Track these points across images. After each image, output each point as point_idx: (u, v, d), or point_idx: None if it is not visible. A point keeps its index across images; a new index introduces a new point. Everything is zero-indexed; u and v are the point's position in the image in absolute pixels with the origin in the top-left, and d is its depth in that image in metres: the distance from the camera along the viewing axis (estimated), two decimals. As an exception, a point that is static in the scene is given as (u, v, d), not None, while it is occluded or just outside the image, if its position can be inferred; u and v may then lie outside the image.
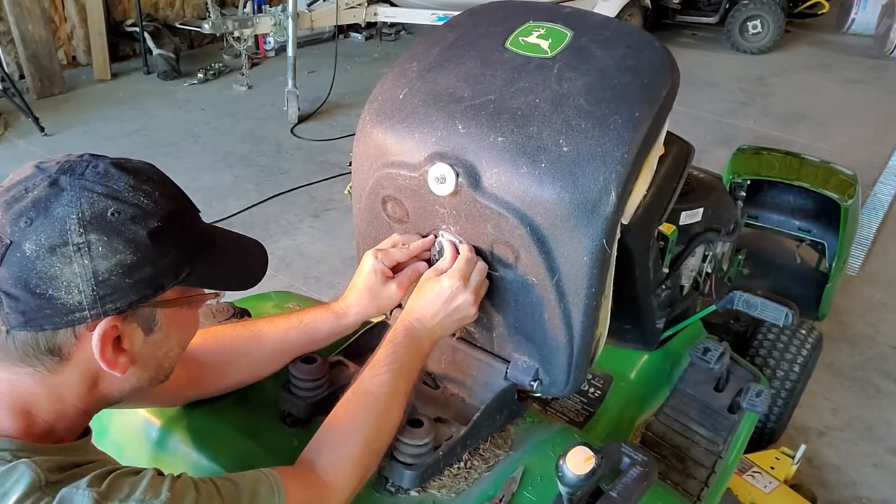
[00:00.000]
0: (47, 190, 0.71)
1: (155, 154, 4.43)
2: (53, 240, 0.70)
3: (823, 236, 2.52)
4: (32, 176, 0.73)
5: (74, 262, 0.70)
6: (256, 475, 0.82)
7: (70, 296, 0.71)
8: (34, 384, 0.75)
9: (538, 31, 1.08)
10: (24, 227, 0.69)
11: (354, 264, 1.18)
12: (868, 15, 7.32)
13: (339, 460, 0.91)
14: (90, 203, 0.71)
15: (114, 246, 0.71)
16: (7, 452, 0.70)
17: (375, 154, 1.09)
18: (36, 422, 0.76)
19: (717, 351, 1.50)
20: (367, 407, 0.95)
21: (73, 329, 0.73)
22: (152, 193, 0.76)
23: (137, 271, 0.73)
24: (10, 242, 0.69)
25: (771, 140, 4.72)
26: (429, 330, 1.05)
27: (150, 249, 0.74)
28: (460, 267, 1.04)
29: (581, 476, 0.89)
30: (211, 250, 0.82)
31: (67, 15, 5.71)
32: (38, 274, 0.69)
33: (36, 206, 0.70)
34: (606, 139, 0.95)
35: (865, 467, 2.36)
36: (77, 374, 0.76)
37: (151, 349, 0.81)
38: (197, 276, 0.80)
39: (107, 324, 0.74)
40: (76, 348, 0.74)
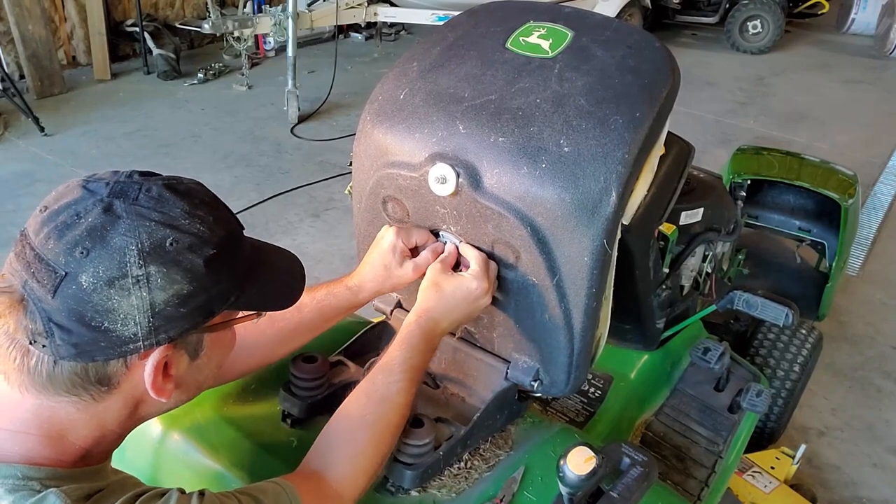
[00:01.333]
0: (102, 217, 0.68)
1: (155, 154, 4.43)
2: (112, 272, 0.67)
3: (823, 236, 2.52)
4: (82, 199, 0.70)
5: (133, 294, 0.68)
6: (275, 489, 0.81)
7: (126, 328, 0.68)
8: (76, 412, 0.73)
9: (539, 32, 1.08)
10: (81, 258, 0.66)
11: (354, 264, 1.18)
12: (868, 15, 7.33)
13: (352, 468, 0.89)
14: (149, 233, 0.69)
15: (172, 277, 0.69)
16: (36, 482, 0.69)
17: (376, 154, 1.09)
18: (70, 447, 0.74)
19: (717, 351, 1.50)
20: (383, 414, 0.93)
21: (126, 359, 0.71)
22: (207, 219, 0.74)
23: (192, 300, 0.72)
24: (66, 274, 0.66)
25: (771, 140, 4.73)
26: (443, 329, 1.04)
27: (205, 278, 0.72)
28: (485, 268, 1.04)
29: (582, 476, 0.89)
30: (256, 272, 0.81)
31: (67, 15, 5.71)
32: (94, 307, 0.67)
33: (92, 236, 0.67)
34: (607, 139, 0.95)
35: (865, 467, 2.36)
36: (121, 402, 0.75)
37: (195, 373, 0.80)
38: (245, 299, 0.79)
39: (159, 353, 0.72)
40: (125, 377, 0.73)
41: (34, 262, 0.67)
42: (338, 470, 0.89)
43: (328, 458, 0.90)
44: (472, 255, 1.05)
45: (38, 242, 0.68)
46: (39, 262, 0.67)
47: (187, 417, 1.09)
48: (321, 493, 0.86)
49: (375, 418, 0.93)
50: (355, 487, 0.89)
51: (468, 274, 1.03)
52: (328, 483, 0.88)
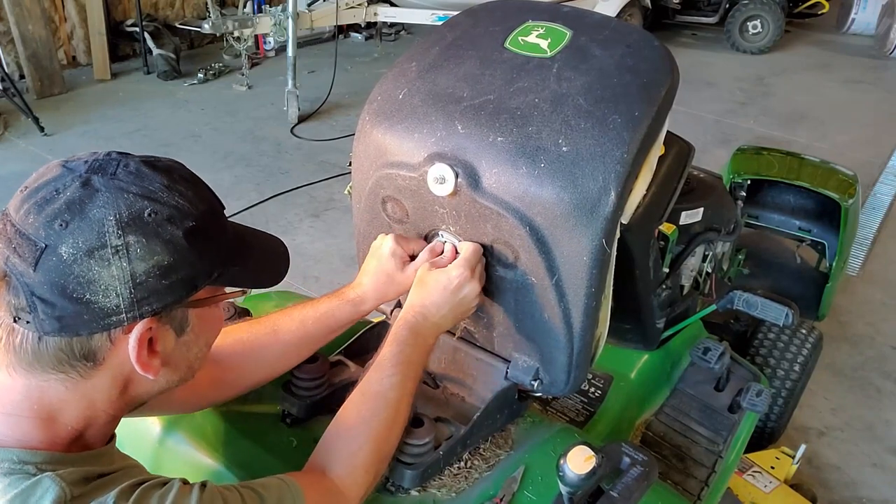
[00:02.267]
0: (80, 191, 0.69)
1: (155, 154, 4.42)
2: (91, 242, 0.67)
3: (824, 236, 2.52)
4: (61, 176, 0.70)
5: (113, 264, 0.68)
6: (279, 485, 0.81)
7: (108, 299, 0.68)
8: (65, 390, 0.73)
9: (537, 31, 1.08)
10: (60, 230, 0.67)
11: (354, 264, 1.18)
12: (868, 15, 7.33)
13: (353, 465, 0.89)
14: (127, 204, 0.69)
15: (152, 247, 0.69)
16: (31, 466, 0.69)
17: (375, 154, 1.09)
18: (63, 429, 0.74)
19: (717, 351, 1.50)
20: (378, 409, 0.93)
21: (109, 333, 0.71)
22: (186, 193, 0.74)
23: (174, 273, 0.72)
24: (46, 246, 0.67)
25: (771, 140, 4.73)
26: (433, 324, 1.03)
27: (186, 250, 0.72)
28: (467, 257, 1.03)
29: (582, 476, 0.89)
30: (239, 249, 0.81)
31: (67, 15, 5.71)
32: (75, 278, 0.67)
33: (70, 208, 0.68)
34: (606, 139, 0.95)
35: (865, 467, 2.36)
36: (109, 379, 0.75)
37: (182, 350, 0.80)
38: (228, 275, 0.79)
39: (143, 326, 0.72)
40: (111, 352, 0.73)
41: (15, 237, 0.68)
42: (339, 468, 0.89)
43: (329, 457, 0.90)
44: (466, 248, 1.05)
45: (19, 219, 0.69)
46: (20, 236, 0.68)
47: (187, 417, 1.09)
48: (324, 491, 0.86)
49: (371, 415, 0.93)
50: (358, 484, 0.89)
51: (451, 264, 1.03)
52: (331, 481, 0.88)
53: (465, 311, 1.07)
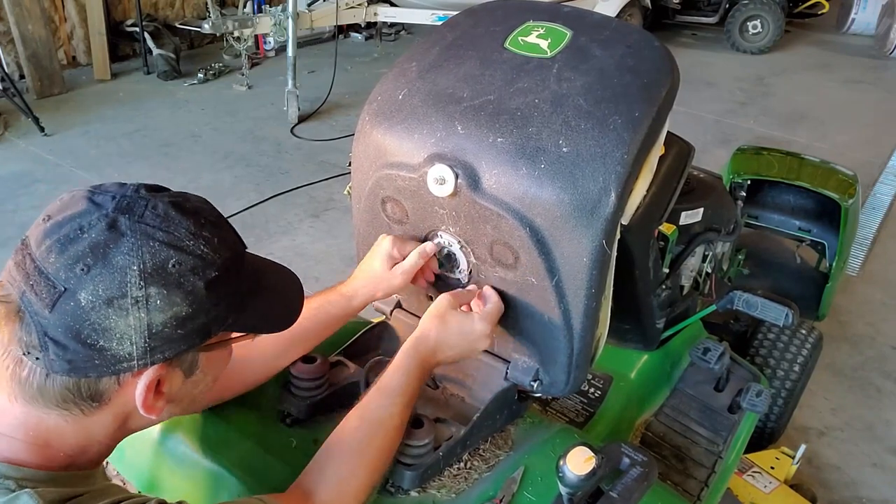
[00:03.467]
0: (106, 233, 0.67)
1: (155, 154, 4.43)
2: (112, 292, 0.66)
3: (823, 236, 2.52)
4: (87, 212, 0.68)
5: (131, 314, 0.67)
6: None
7: (121, 347, 0.68)
8: (64, 423, 0.72)
9: (537, 31, 1.08)
10: (81, 275, 0.65)
11: (354, 264, 1.18)
12: (868, 15, 7.33)
13: (343, 491, 0.88)
14: (152, 253, 0.67)
15: (172, 299, 0.68)
16: (12, 481, 0.68)
17: (375, 155, 1.09)
18: (55, 454, 0.73)
19: (717, 351, 1.50)
20: (375, 436, 0.93)
21: (118, 377, 0.70)
22: (212, 240, 0.72)
23: (190, 322, 0.71)
24: (65, 290, 0.65)
25: (771, 140, 4.73)
26: (437, 360, 1.04)
27: (205, 300, 0.71)
28: (493, 313, 1.05)
29: (581, 476, 0.89)
30: (255, 293, 0.79)
31: (67, 15, 5.71)
32: (91, 325, 0.66)
33: (94, 252, 0.66)
34: (606, 140, 0.95)
35: (865, 467, 2.36)
36: (111, 416, 0.74)
37: (189, 388, 0.79)
38: (243, 321, 0.78)
39: (152, 373, 0.71)
40: (117, 393, 0.72)
41: (34, 274, 0.66)
42: (326, 491, 0.87)
43: (318, 479, 0.89)
44: (491, 299, 1.07)
45: (40, 254, 0.67)
46: (39, 275, 0.66)
47: (186, 418, 1.09)
48: None
49: (368, 442, 0.92)
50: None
51: (477, 314, 1.04)
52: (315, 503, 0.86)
53: (467, 356, 1.08)
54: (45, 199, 3.80)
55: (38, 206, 3.75)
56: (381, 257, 1.09)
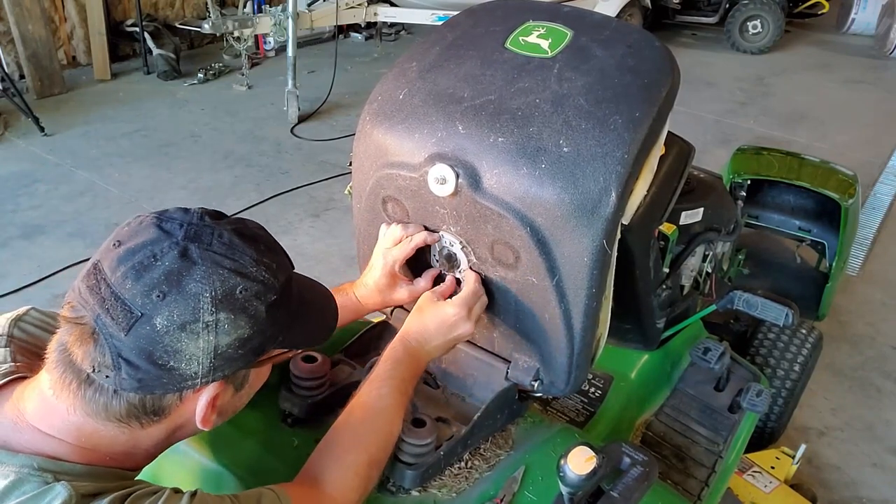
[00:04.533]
0: (179, 262, 0.71)
1: (155, 154, 4.43)
2: (186, 317, 0.70)
3: (823, 236, 2.52)
4: (158, 240, 0.73)
5: (201, 338, 0.72)
6: (270, 496, 0.82)
7: (189, 367, 0.72)
8: (120, 435, 0.77)
9: (538, 31, 1.08)
10: (157, 301, 0.70)
11: (355, 264, 1.18)
12: (868, 15, 7.33)
13: (344, 473, 0.90)
14: (221, 280, 0.72)
15: (238, 323, 0.74)
16: (50, 474, 0.71)
17: (375, 154, 1.09)
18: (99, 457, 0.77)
19: (717, 351, 1.50)
20: (369, 419, 0.96)
21: (181, 393, 0.75)
22: (271, 265, 0.78)
23: (250, 343, 0.76)
24: (142, 315, 0.70)
25: (771, 140, 4.73)
26: (426, 351, 1.06)
27: (265, 323, 0.76)
28: (466, 297, 1.07)
29: (582, 476, 0.89)
30: (301, 312, 0.84)
31: (67, 15, 5.71)
32: (163, 347, 0.70)
33: (169, 280, 0.70)
34: (607, 139, 0.95)
35: (865, 467, 2.36)
36: (164, 429, 0.79)
37: (236, 402, 0.85)
38: (290, 338, 0.83)
39: (214, 389, 0.77)
40: (177, 409, 0.77)
41: (110, 299, 0.70)
42: (332, 476, 0.90)
43: (323, 466, 0.91)
44: (467, 284, 1.09)
45: (115, 280, 0.71)
46: (116, 300, 0.70)
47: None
48: (314, 499, 0.87)
49: (365, 426, 0.95)
50: (349, 489, 0.90)
51: (449, 300, 1.07)
52: (321, 488, 0.89)
53: (453, 343, 1.10)
54: (45, 199, 3.82)
55: (38, 206, 3.76)
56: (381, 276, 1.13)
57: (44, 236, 3.48)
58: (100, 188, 3.98)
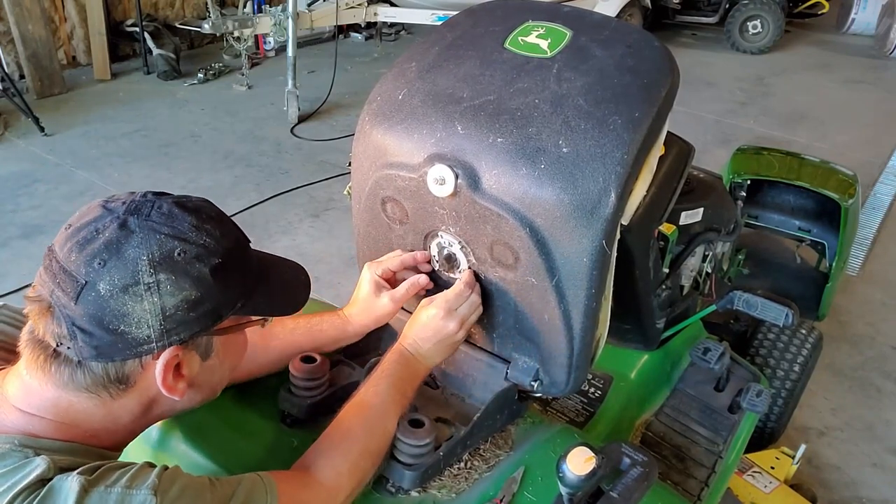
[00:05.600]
0: (117, 232, 0.75)
1: (155, 154, 4.43)
2: (126, 280, 0.74)
3: (823, 236, 2.52)
4: (101, 217, 0.77)
5: (145, 300, 0.74)
6: (252, 478, 0.83)
7: (140, 330, 0.75)
8: (93, 406, 0.79)
9: (537, 31, 1.08)
10: (98, 268, 0.73)
11: (354, 264, 1.18)
12: (868, 15, 7.33)
13: (333, 461, 0.92)
14: (159, 244, 0.75)
15: (180, 284, 0.76)
16: (31, 450, 0.74)
17: (375, 155, 1.09)
18: (80, 433, 0.80)
19: (717, 351, 1.50)
20: (362, 414, 0.98)
21: (141, 359, 0.78)
22: (213, 232, 0.80)
23: (200, 306, 0.78)
24: (86, 283, 0.73)
25: (771, 140, 4.73)
26: (422, 355, 1.08)
27: (212, 285, 0.78)
28: (447, 298, 1.08)
29: (582, 476, 0.89)
30: (262, 280, 0.87)
31: (67, 15, 5.71)
32: (111, 312, 0.74)
33: (108, 248, 0.74)
34: (606, 140, 0.95)
35: (865, 467, 2.36)
36: (136, 399, 0.81)
37: (207, 374, 0.86)
38: (251, 305, 0.85)
39: (170, 353, 0.78)
40: (141, 376, 0.79)
41: (59, 273, 0.75)
42: (321, 464, 0.92)
43: (316, 458, 0.93)
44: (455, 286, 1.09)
45: (63, 256, 0.75)
46: (63, 272, 0.74)
47: (186, 418, 1.09)
48: (301, 485, 0.89)
49: (360, 423, 0.97)
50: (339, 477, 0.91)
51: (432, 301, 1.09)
52: (311, 476, 0.90)
53: (452, 345, 1.11)
54: (45, 199, 3.82)
55: (38, 206, 3.76)
56: (365, 285, 1.16)
57: (44, 236, 3.48)
58: (100, 188, 3.97)
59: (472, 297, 1.09)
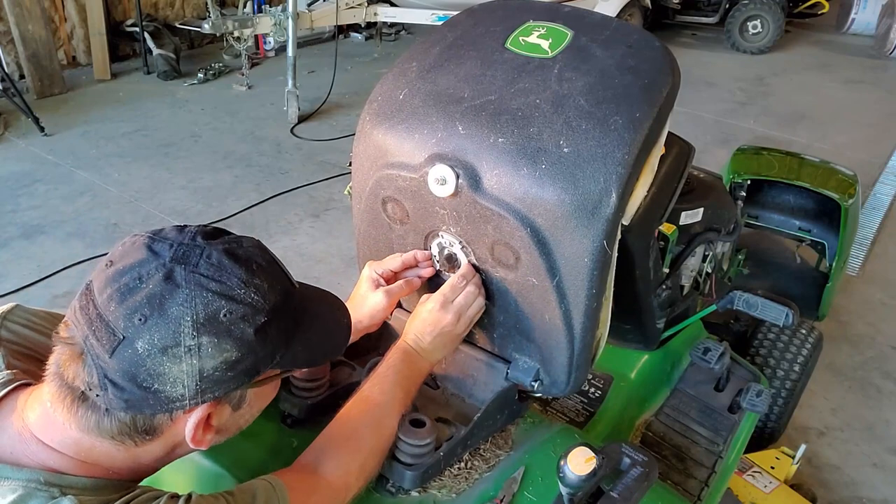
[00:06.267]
0: (162, 285, 0.71)
1: (155, 154, 4.43)
2: (167, 341, 0.70)
3: (823, 236, 2.51)
4: (145, 262, 0.72)
5: (184, 361, 0.71)
6: (265, 487, 0.83)
7: (174, 390, 0.72)
8: (116, 451, 0.77)
9: (538, 31, 1.08)
10: (139, 325, 0.70)
11: (354, 264, 1.18)
12: (868, 15, 7.33)
13: (341, 460, 0.92)
14: (204, 304, 0.72)
15: (222, 346, 0.73)
16: (56, 489, 0.72)
17: (375, 155, 1.09)
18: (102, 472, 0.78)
19: (717, 351, 1.50)
20: (370, 413, 0.97)
21: (171, 413, 0.75)
22: (262, 287, 0.76)
23: (239, 364, 0.75)
24: (124, 338, 0.70)
25: (771, 140, 4.73)
26: (425, 350, 1.08)
27: (254, 344, 0.75)
28: (444, 291, 1.09)
29: (582, 476, 0.89)
30: (302, 329, 0.83)
31: (67, 15, 5.71)
32: (146, 370, 0.70)
33: (151, 303, 0.70)
34: (607, 140, 0.95)
35: (865, 467, 2.36)
36: (161, 446, 0.79)
37: (236, 421, 0.84)
38: (289, 356, 0.81)
39: (203, 410, 0.76)
40: (169, 428, 0.77)
41: (96, 320, 0.71)
42: (327, 463, 0.92)
43: (321, 456, 0.93)
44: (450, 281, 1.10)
45: (101, 302, 0.71)
46: (101, 321, 0.71)
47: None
48: (310, 489, 0.88)
49: (358, 414, 0.97)
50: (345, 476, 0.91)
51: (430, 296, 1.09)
52: (318, 476, 0.90)
53: (453, 339, 1.11)
54: (45, 199, 3.82)
55: (38, 206, 3.76)
56: (364, 282, 1.15)
57: (44, 236, 3.48)
58: (99, 188, 3.97)
59: (469, 287, 1.09)
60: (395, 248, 1.18)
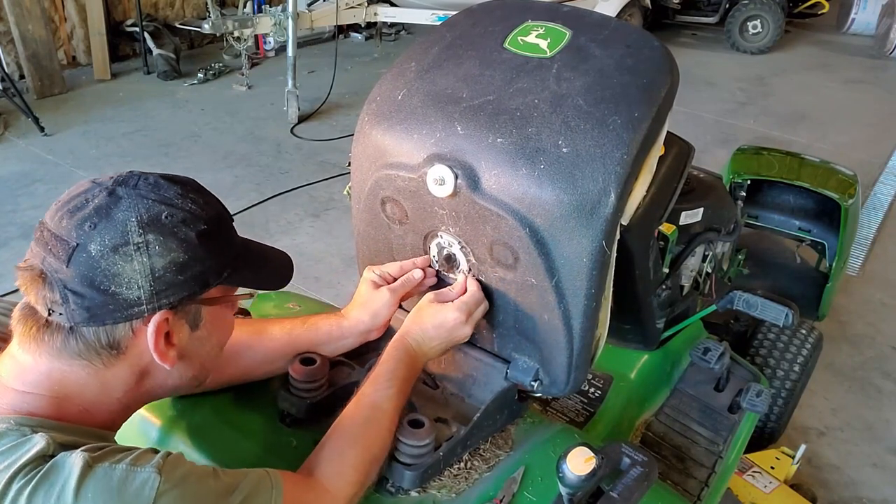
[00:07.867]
0: (107, 199, 0.79)
1: (155, 154, 4.43)
2: (116, 240, 0.77)
3: (823, 236, 2.51)
4: (90, 189, 0.81)
5: (135, 259, 0.77)
6: (259, 474, 0.84)
7: (130, 291, 0.78)
8: (86, 375, 0.81)
9: (537, 31, 1.08)
10: (89, 231, 0.76)
11: (354, 264, 1.18)
12: (868, 15, 7.34)
13: (341, 467, 0.92)
14: (146, 208, 0.79)
15: (168, 245, 0.79)
16: (28, 428, 0.76)
17: (374, 155, 1.09)
18: (74, 407, 0.81)
19: (717, 351, 1.50)
20: (369, 418, 0.98)
21: (131, 323, 0.80)
22: (198, 200, 0.84)
23: (188, 269, 0.81)
24: (77, 244, 0.76)
25: (771, 140, 4.73)
26: (424, 352, 1.09)
27: (199, 249, 0.81)
28: (467, 302, 1.08)
29: (582, 476, 0.89)
30: (247, 254, 0.91)
31: (67, 15, 5.71)
32: (102, 272, 0.76)
33: (98, 213, 0.77)
34: (605, 140, 0.95)
35: (865, 467, 2.36)
36: (128, 369, 0.83)
37: (196, 345, 0.88)
38: (238, 277, 0.88)
39: (160, 316, 0.80)
40: (132, 342, 0.81)
41: (50, 240, 0.77)
42: (328, 467, 0.92)
43: (321, 458, 0.93)
44: (468, 290, 1.10)
45: (53, 224, 0.78)
46: (55, 238, 0.77)
47: (186, 418, 1.09)
48: (306, 486, 0.89)
49: (363, 422, 0.97)
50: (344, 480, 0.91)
51: (451, 304, 1.08)
52: (317, 478, 0.91)
53: (451, 345, 1.11)
54: (45, 198, 3.81)
55: (38, 206, 3.76)
56: (365, 284, 1.16)
57: (44, 236, 3.48)
58: (100, 188, 3.97)
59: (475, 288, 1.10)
60: (395, 248, 1.18)
